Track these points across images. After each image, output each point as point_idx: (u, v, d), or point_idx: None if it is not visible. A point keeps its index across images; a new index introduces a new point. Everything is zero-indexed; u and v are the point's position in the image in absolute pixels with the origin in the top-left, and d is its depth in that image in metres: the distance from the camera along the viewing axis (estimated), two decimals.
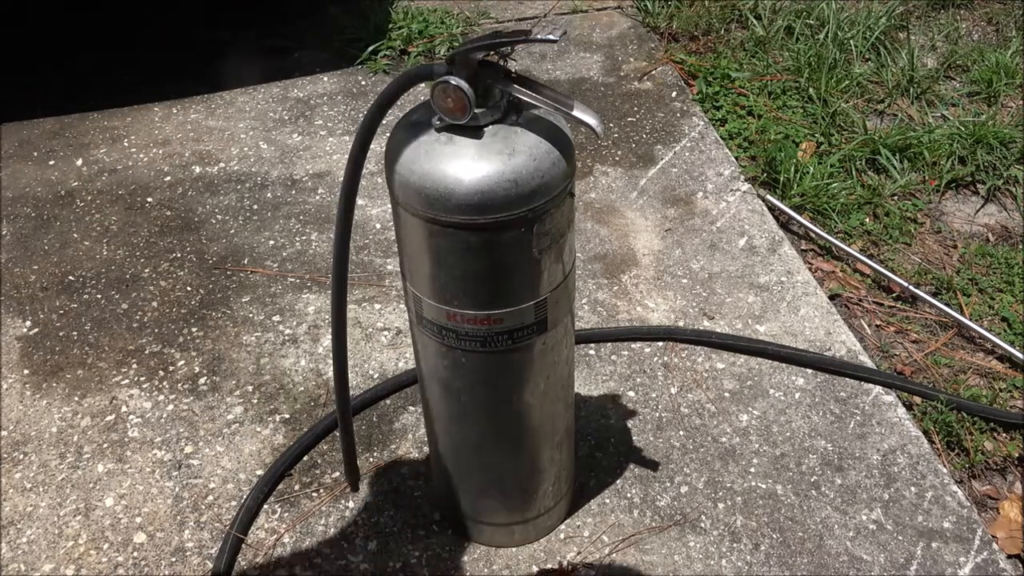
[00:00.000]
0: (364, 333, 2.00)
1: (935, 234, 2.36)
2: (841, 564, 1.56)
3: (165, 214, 2.36)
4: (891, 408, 1.83)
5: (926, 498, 1.66)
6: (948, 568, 1.55)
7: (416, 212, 1.17)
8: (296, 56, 2.98)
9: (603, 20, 3.22)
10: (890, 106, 2.79)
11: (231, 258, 2.22)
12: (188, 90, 2.82)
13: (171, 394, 1.88)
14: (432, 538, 1.61)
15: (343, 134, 2.64)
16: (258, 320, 2.04)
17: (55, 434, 1.80)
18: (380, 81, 2.87)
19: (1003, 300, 2.13)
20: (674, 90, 2.82)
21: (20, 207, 2.39)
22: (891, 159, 2.52)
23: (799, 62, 2.87)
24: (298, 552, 1.59)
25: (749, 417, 1.81)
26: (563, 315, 1.32)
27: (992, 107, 2.75)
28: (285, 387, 1.89)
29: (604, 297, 2.09)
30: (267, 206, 2.38)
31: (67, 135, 2.66)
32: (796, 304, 2.07)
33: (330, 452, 1.75)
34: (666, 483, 1.69)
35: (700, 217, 2.32)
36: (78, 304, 2.09)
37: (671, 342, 1.96)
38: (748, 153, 2.57)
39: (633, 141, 2.61)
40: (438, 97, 1.14)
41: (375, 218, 2.33)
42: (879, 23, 3.02)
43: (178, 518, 1.65)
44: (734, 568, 1.55)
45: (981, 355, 2.01)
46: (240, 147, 2.60)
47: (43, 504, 1.68)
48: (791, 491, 1.67)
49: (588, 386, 1.87)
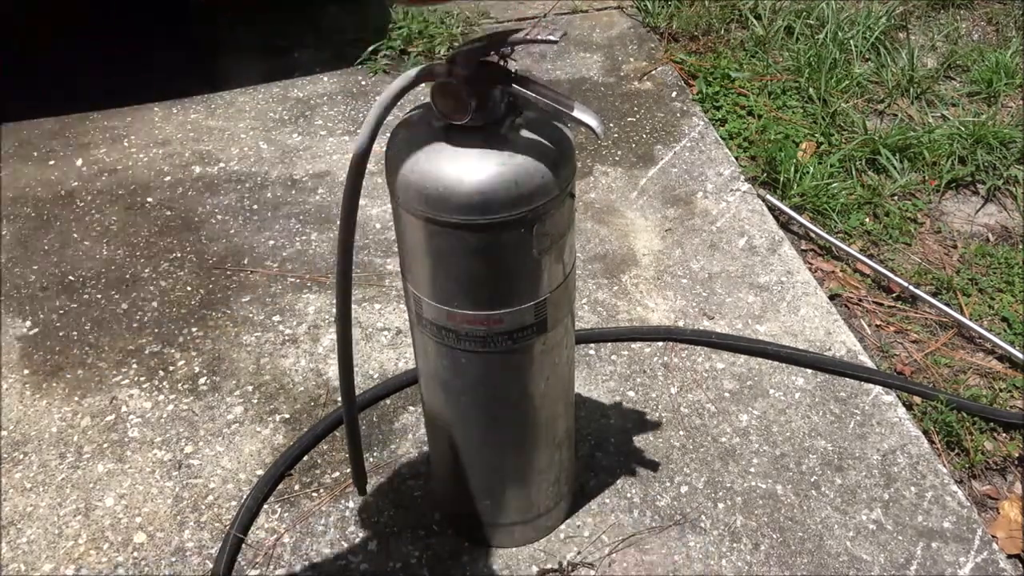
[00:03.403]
0: (364, 333, 2.00)
1: (935, 234, 2.36)
2: (841, 564, 1.56)
3: (165, 214, 2.36)
4: (891, 408, 1.83)
5: (926, 498, 1.66)
6: (948, 568, 1.55)
7: (416, 212, 1.17)
8: (296, 56, 2.98)
9: (603, 20, 3.22)
10: (890, 106, 2.79)
11: (231, 258, 2.22)
12: (188, 90, 2.82)
13: (171, 394, 1.88)
14: (432, 538, 1.61)
15: (343, 134, 2.64)
16: (258, 320, 2.04)
17: (55, 434, 1.80)
18: (380, 81, 2.87)
19: (1003, 300, 2.13)
20: (674, 90, 2.82)
21: (20, 207, 2.39)
22: (891, 159, 2.52)
23: (799, 62, 2.87)
24: (298, 552, 1.59)
25: (749, 417, 1.81)
26: (563, 315, 1.32)
27: (992, 107, 2.75)
28: (285, 387, 1.89)
29: (604, 297, 2.09)
30: (267, 206, 2.38)
31: (67, 135, 2.66)
32: (796, 304, 2.07)
33: (330, 452, 1.75)
34: (666, 483, 1.69)
35: (700, 217, 2.32)
36: (78, 304, 2.09)
37: (671, 342, 1.96)
38: (748, 153, 2.57)
39: (633, 141, 2.61)
40: (438, 97, 1.14)
41: (375, 218, 2.33)
42: (879, 23, 3.02)
43: (178, 518, 1.65)
44: (734, 568, 1.55)
45: (981, 355, 2.01)
46: (240, 147, 2.60)
47: (43, 504, 1.68)
48: (791, 491, 1.67)
49: (588, 386, 1.87)
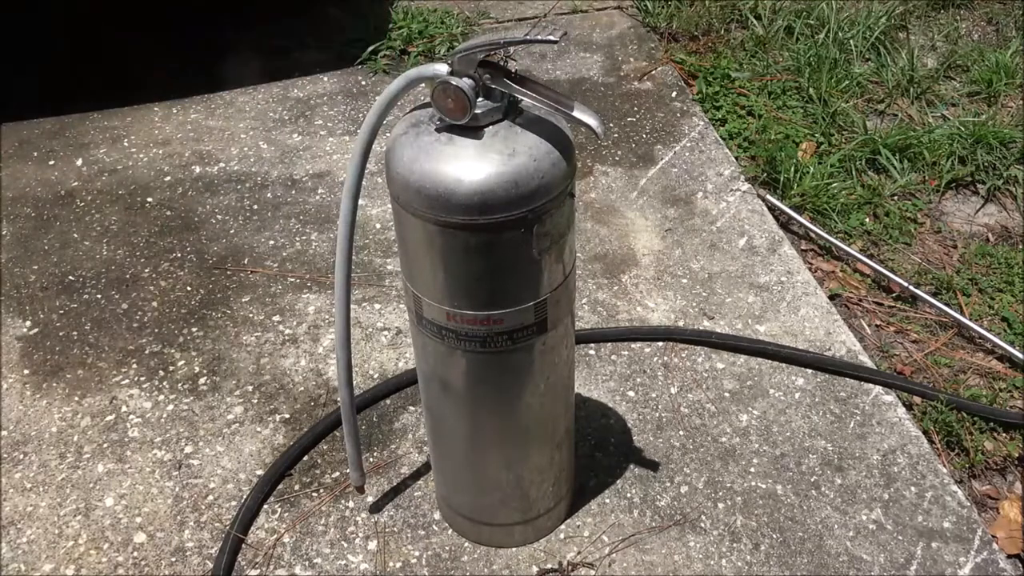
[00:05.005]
0: (364, 333, 2.00)
1: (935, 234, 2.36)
2: (841, 564, 1.56)
3: (165, 214, 2.36)
4: (891, 408, 1.83)
5: (926, 498, 1.66)
6: (948, 568, 1.55)
7: (416, 212, 1.17)
8: (296, 56, 2.98)
9: (603, 20, 3.22)
10: (890, 106, 2.79)
11: (231, 258, 2.22)
12: (188, 90, 2.82)
13: (171, 394, 1.88)
14: (432, 538, 1.61)
15: (343, 134, 2.64)
16: (258, 320, 2.04)
17: (55, 434, 1.81)
18: (380, 81, 2.87)
19: (1003, 300, 2.13)
20: (674, 90, 2.82)
21: (20, 207, 2.39)
22: (891, 159, 2.52)
23: (799, 62, 2.87)
24: (298, 552, 1.59)
25: (749, 417, 1.81)
26: (563, 315, 1.32)
27: (992, 107, 2.75)
28: (285, 387, 1.89)
29: (604, 297, 2.09)
30: (267, 206, 2.38)
31: (67, 135, 2.66)
32: (796, 304, 2.07)
33: (330, 452, 1.75)
34: (666, 483, 1.69)
35: (700, 217, 2.32)
36: (78, 304, 2.09)
37: (671, 342, 1.96)
38: (748, 153, 2.57)
39: (633, 141, 2.61)
40: (438, 97, 1.14)
41: (375, 218, 2.33)
42: (879, 23, 3.02)
43: (178, 518, 1.65)
44: (734, 568, 1.55)
45: (981, 355, 2.01)
46: (240, 147, 2.60)
47: (43, 504, 1.68)
48: (791, 491, 1.67)
49: (588, 386, 1.87)
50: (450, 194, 1.13)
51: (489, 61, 1.13)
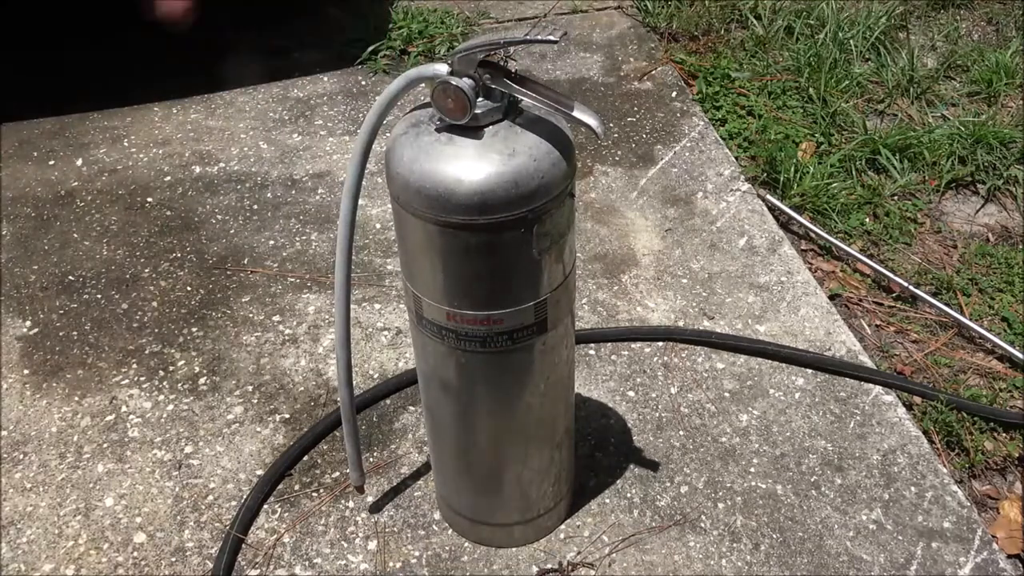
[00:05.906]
0: (364, 333, 2.00)
1: (935, 234, 2.36)
2: (841, 564, 1.56)
3: (165, 214, 2.36)
4: (891, 408, 1.83)
5: (926, 498, 1.66)
6: (948, 568, 1.55)
7: (416, 212, 1.17)
8: (296, 56, 2.98)
9: (603, 20, 3.22)
10: (890, 106, 2.79)
11: (231, 258, 2.22)
12: (188, 90, 2.81)
13: (171, 394, 1.88)
14: (432, 538, 1.61)
15: (343, 134, 2.64)
16: (258, 320, 2.04)
17: (55, 434, 1.81)
18: (380, 81, 2.87)
19: (1003, 300, 2.13)
20: (674, 90, 2.82)
21: (20, 207, 2.39)
22: (891, 159, 2.52)
23: (799, 62, 2.87)
24: (298, 552, 1.59)
25: (749, 417, 1.81)
26: (563, 315, 1.32)
27: (992, 107, 2.75)
28: (285, 387, 1.89)
29: (604, 297, 2.09)
30: (267, 206, 2.38)
31: (67, 135, 2.66)
32: (796, 304, 2.07)
33: (330, 452, 1.75)
34: (666, 483, 1.69)
35: (700, 217, 2.32)
36: (78, 304, 2.10)
37: (671, 342, 1.96)
38: (748, 153, 2.57)
39: (633, 141, 2.61)
40: (438, 97, 1.14)
41: (375, 218, 2.33)
42: (879, 23, 3.02)
43: (178, 518, 1.65)
44: (734, 568, 1.55)
45: (981, 355, 2.01)
46: (240, 147, 2.60)
47: (43, 504, 1.68)
48: (791, 491, 1.67)
49: (588, 386, 1.87)
50: (450, 194, 1.13)
51: (489, 61, 1.13)
